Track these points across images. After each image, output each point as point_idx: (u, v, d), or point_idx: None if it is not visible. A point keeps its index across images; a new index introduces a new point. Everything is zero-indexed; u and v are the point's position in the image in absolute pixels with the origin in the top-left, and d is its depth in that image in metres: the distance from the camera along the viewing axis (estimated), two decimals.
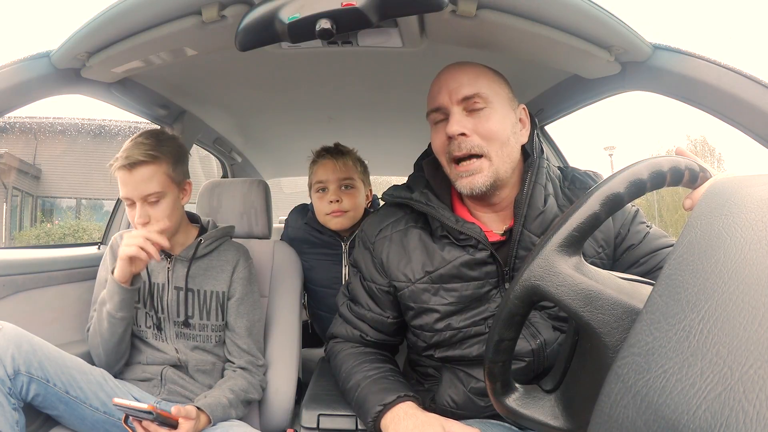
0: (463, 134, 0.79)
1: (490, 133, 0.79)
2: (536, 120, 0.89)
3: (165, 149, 1.06)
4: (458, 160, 0.81)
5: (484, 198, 0.83)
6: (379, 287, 0.89)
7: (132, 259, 1.00)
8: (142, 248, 0.98)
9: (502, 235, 0.84)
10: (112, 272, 1.03)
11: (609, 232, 0.87)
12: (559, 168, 0.92)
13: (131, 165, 1.02)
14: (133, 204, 1.05)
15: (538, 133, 0.88)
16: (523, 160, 0.86)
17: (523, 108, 0.86)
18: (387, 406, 0.78)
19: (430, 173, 0.88)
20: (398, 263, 0.86)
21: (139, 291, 1.11)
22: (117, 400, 0.89)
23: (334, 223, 1.40)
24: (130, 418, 0.91)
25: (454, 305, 0.82)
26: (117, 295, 1.02)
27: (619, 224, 0.87)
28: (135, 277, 1.04)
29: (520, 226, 0.82)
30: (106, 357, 1.06)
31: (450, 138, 0.80)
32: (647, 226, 0.88)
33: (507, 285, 0.82)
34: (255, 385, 1.12)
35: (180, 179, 1.11)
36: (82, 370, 1.01)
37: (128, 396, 1.02)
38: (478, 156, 0.79)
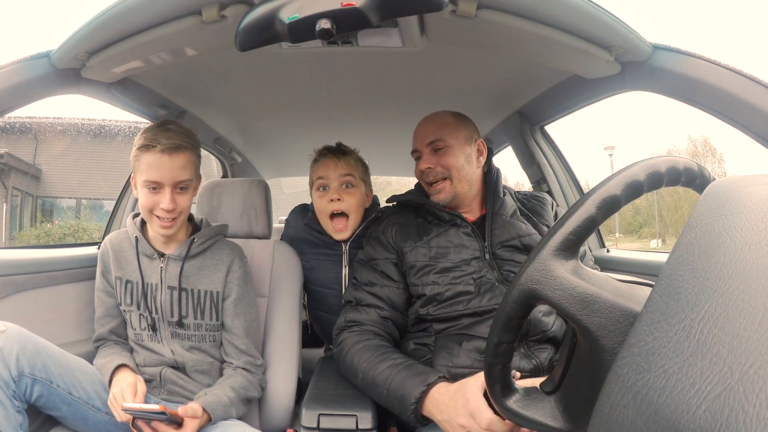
0: (429, 168, 1.12)
1: (448, 165, 1.11)
2: (492, 150, 1.17)
3: (195, 140, 1.08)
4: (430, 183, 1.14)
5: (457, 208, 1.13)
6: (390, 260, 1.10)
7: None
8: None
9: (475, 219, 1.13)
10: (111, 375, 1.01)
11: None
12: (516, 191, 1.25)
13: (173, 148, 1.01)
14: (158, 190, 1.03)
15: (491, 157, 1.21)
16: (485, 175, 1.18)
17: (481, 141, 1.16)
18: (430, 385, 0.85)
19: (421, 189, 1.19)
20: (403, 235, 1.11)
21: (132, 293, 1.11)
22: (126, 405, 0.89)
23: (338, 237, 1.38)
24: (138, 420, 0.91)
25: (448, 261, 1.04)
26: None
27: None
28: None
29: (491, 211, 1.11)
30: None
31: (423, 170, 1.14)
32: None
33: (487, 256, 1.05)
34: (255, 384, 1.12)
35: (198, 174, 1.12)
36: (85, 371, 1.00)
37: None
38: (444, 179, 1.11)
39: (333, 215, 1.37)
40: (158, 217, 1.05)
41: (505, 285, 1.01)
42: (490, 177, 1.18)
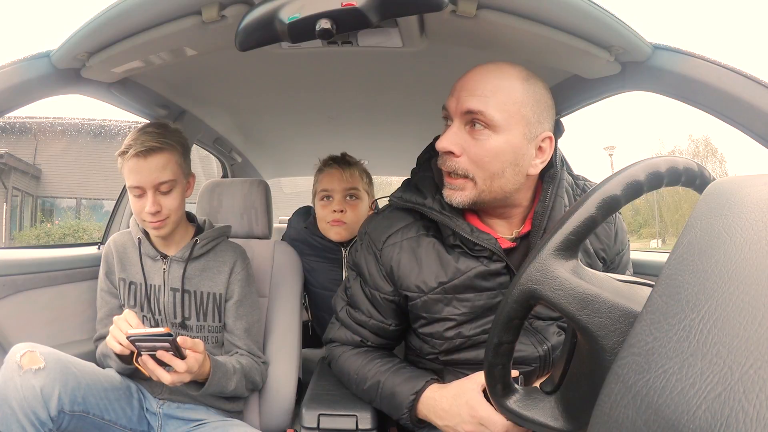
0: (451, 153, 0.75)
1: (480, 161, 0.74)
2: (561, 124, 0.83)
3: (175, 139, 1.07)
4: (447, 172, 0.78)
5: (488, 210, 0.82)
6: (383, 296, 0.86)
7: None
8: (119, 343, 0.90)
9: (513, 241, 0.82)
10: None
11: (610, 244, 0.89)
12: (569, 173, 0.89)
13: (146, 151, 1.01)
14: (142, 194, 1.04)
15: (558, 146, 0.83)
16: (543, 172, 0.82)
17: (549, 137, 0.77)
18: (419, 393, 0.80)
19: (440, 176, 0.82)
20: (410, 273, 0.82)
21: (135, 294, 1.11)
22: (131, 332, 0.85)
23: (334, 233, 1.39)
24: (143, 354, 0.88)
25: (466, 315, 0.81)
26: (118, 364, 1.01)
27: (621, 248, 0.91)
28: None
29: (538, 239, 0.79)
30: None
31: (442, 151, 0.77)
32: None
33: None
34: (258, 370, 1.12)
35: (187, 172, 1.11)
36: (113, 386, 0.99)
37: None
38: (466, 177, 0.75)
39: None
40: (148, 220, 1.05)
41: (528, 331, 0.83)
42: (550, 179, 0.80)
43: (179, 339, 0.88)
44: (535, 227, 0.80)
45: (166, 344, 0.86)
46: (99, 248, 1.49)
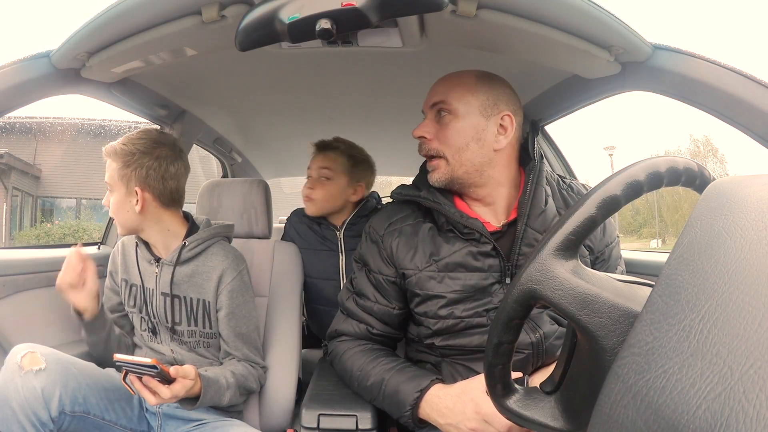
0: (423, 137, 0.92)
1: (447, 140, 0.89)
2: (537, 125, 0.93)
3: (130, 147, 1.07)
4: (425, 156, 0.94)
5: (471, 194, 0.93)
6: (386, 278, 0.94)
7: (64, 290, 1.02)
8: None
9: (500, 227, 0.91)
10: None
11: (598, 236, 0.94)
12: (559, 176, 1.01)
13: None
14: None
15: (537, 139, 0.96)
16: (524, 164, 0.94)
17: (508, 115, 0.90)
18: (423, 391, 0.83)
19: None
20: (407, 253, 0.92)
21: (135, 296, 1.11)
22: (118, 356, 0.85)
23: (306, 208, 1.53)
24: (129, 374, 0.87)
25: (458, 293, 0.87)
26: (85, 330, 1.08)
27: (609, 240, 0.97)
28: (98, 315, 1.07)
29: (523, 224, 0.88)
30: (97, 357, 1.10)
31: (418, 139, 0.94)
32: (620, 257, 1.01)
33: (509, 280, 0.88)
34: (255, 376, 1.11)
35: (124, 182, 1.06)
36: (113, 387, 1.00)
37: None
38: (438, 157, 0.90)
39: None
40: None
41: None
42: (530, 171, 0.91)
43: (171, 369, 0.87)
44: (521, 215, 0.90)
45: (151, 373, 0.85)
46: (99, 248, 1.49)
